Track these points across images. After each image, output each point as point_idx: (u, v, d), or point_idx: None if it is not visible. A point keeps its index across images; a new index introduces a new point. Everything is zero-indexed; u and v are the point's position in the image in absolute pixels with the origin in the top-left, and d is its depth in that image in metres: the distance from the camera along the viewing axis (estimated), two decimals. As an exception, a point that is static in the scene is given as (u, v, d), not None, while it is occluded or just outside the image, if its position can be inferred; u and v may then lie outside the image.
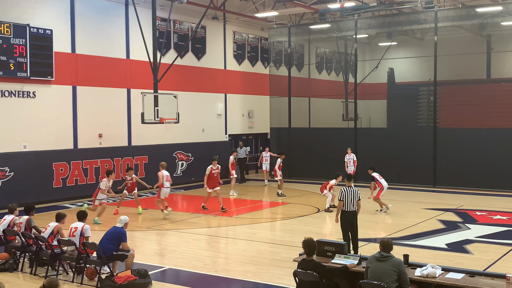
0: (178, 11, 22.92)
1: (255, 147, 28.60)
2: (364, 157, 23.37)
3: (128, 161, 21.35)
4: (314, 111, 30.02)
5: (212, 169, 17.33)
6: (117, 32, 21.24)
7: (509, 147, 21.18)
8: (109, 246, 9.90)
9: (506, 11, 22.76)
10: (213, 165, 17.39)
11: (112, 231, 10.11)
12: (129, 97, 21.62)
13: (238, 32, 27.25)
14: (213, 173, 17.32)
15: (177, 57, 22.05)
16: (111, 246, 9.92)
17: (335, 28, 26.93)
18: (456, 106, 25.53)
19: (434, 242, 13.05)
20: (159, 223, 15.62)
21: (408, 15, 25.41)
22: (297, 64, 29.76)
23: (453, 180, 21.99)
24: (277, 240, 13.52)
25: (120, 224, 10.17)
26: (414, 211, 17.29)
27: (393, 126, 27.74)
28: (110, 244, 9.93)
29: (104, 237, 10.07)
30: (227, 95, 26.56)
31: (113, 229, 10.16)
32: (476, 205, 18.19)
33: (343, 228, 11.32)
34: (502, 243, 12.92)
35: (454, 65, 27.48)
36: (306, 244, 7.96)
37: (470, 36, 29.43)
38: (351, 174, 12.08)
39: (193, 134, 24.39)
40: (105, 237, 10.05)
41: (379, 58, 29.14)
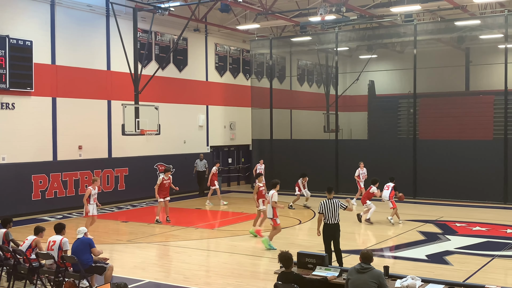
0: (160, 22, 22.91)
1: (237, 158, 28.57)
2: (345, 169, 23.49)
3: (108, 173, 21.18)
4: (295, 123, 30.13)
5: (163, 179, 17.47)
6: (97, 43, 21.14)
7: (488, 158, 21.44)
8: (85, 257, 9.79)
9: (484, 24, 23.15)
10: (165, 176, 17.54)
11: (78, 243, 9.97)
12: (110, 108, 21.49)
13: (219, 44, 27.30)
14: (164, 183, 17.47)
15: (159, 69, 22.02)
16: (87, 256, 9.83)
17: (316, 40, 27.13)
18: (435, 118, 25.84)
19: (414, 254, 13.12)
20: (139, 236, 15.48)
21: (388, 28, 25.72)
22: (279, 76, 29.89)
23: (433, 192, 22.18)
24: (258, 252, 13.47)
25: (80, 235, 10.06)
26: (394, 223, 17.36)
27: (374, 138, 27.96)
28: (84, 254, 9.81)
29: (74, 252, 9.86)
30: (208, 107, 26.55)
31: (78, 242, 10.01)
32: (456, 216, 18.35)
33: (325, 241, 11.21)
34: (482, 254, 13.03)
35: (434, 78, 27.87)
36: (282, 257, 7.93)
37: (449, 49, 29.86)
38: (331, 187, 11.89)
39: (174, 146, 24.30)
40: (75, 251, 9.87)
41: (359, 70, 29.40)
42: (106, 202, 20.93)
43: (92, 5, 20.76)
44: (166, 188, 17.55)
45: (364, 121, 31.25)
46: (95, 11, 20.93)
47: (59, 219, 17.47)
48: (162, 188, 17.40)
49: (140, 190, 22.08)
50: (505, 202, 20.86)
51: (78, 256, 9.75)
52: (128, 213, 19.78)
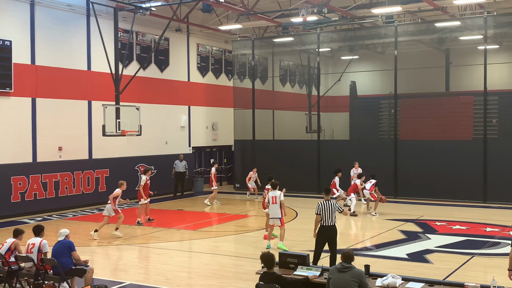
0: (141, 22, 22.79)
1: (219, 159, 28.52)
2: (327, 169, 23.55)
3: (88, 174, 21.00)
4: (278, 123, 30.17)
5: (147, 180, 17.49)
6: (78, 43, 20.95)
7: (467, 158, 21.68)
8: (65, 260, 9.70)
9: (464, 26, 23.41)
10: (147, 176, 17.59)
11: (58, 246, 9.88)
12: (90, 109, 21.30)
13: (201, 45, 27.24)
14: (148, 184, 17.53)
15: (140, 69, 21.87)
16: (67, 259, 9.74)
17: (298, 41, 27.21)
18: (416, 118, 26.07)
19: (395, 252, 13.21)
20: (119, 238, 15.35)
21: (369, 30, 25.90)
22: (261, 76, 29.90)
23: (413, 191, 22.36)
24: (240, 253, 13.46)
25: (61, 237, 9.99)
26: (375, 221, 17.50)
27: (356, 138, 28.10)
28: (64, 257, 9.72)
29: (54, 255, 9.75)
30: (190, 107, 26.46)
31: (58, 244, 9.93)
32: (436, 215, 18.52)
33: (319, 242, 11.00)
34: (461, 252, 13.17)
35: (414, 79, 28.10)
36: (264, 257, 7.93)
37: (429, 50, 30.14)
38: (329, 188, 11.75)
39: (156, 147, 24.16)
40: (56, 254, 9.76)
41: (341, 71, 29.54)
42: (86, 204, 20.78)
43: (73, 5, 20.57)
44: (148, 188, 17.54)
45: (346, 122, 31.42)
46: (75, 10, 20.74)
47: (39, 222, 17.27)
48: (146, 188, 17.41)
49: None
50: (485, 201, 21.11)
51: (58, 259, 9.64)
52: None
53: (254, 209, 20.51)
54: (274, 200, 13.58)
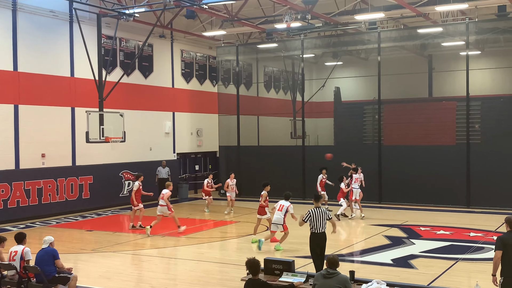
0: (124, 28, 22.70)
1: (204, 165, 28.44)
2: (312, 175, 23.61)
3: (72, 181, 20.82)
4: (262, 129, 30.20)
5: (140, 185, 17.72)
6: (61, 49, 20.80)
7: (451, 163, 21.85)
8: (48, 268, 9.61)
9: (446, 32, 23.66)
10: (140, 181, 17.85)
11: (42, 254, 9.78)
12: (74, 115, 21.14)
13: (186, 51, 27.20)
14: (140, 189, 17.78)
15: (123, 75, 21.78)
16: (50, 267, 9.65)
17: (282, 47, 27.28)
18: (399, 124, 26.23)
19: (380, 258, 13.25)
20: (104, 244, 15.24)
21: (352, 36, 26.05)
22: (246, 82, 29.92)
23: (397, 196, 22.47)
24: (225, 260, 13.42)
25: (45, 245, 9.89)
26: (360, 227, 17.56)
27: (340, 144, 28.20)
28: (48, 265, 9.63)
29: (38, 263, 9.65)
30: (175, 114, 26.38)
31: (42, 252, 9.83)
32: (420, 220, 18.63)
33: (313, 250, 10.89)
34: (446, 257, 13.24)
35: (398, 84, 28.30)
36: (249, 264, 7.90)
37: (412, 56, 30.40)
38: (319, 195, 11.62)
39: (140, 153, 24.03)
40: (39, 261, 9.66)
41: (325, 77, 29.64)
42: (70, 211, 20.59)
43: (55, 11, 20.43)
44: (140, 194, 17.77)
45: (330, 127, 31.51)
46: (58, 17, 20.60)
47: (22, 229, 17.05)
48: (138, 194, 17.61)
49: (105, 198, 21.76)
50: (468, 206, 21.29)
51: (42, 267, 9.54)
52: (93, 221, 19.46)
53: (240, 214, 20.44)
54: (281, 208, 14.18)
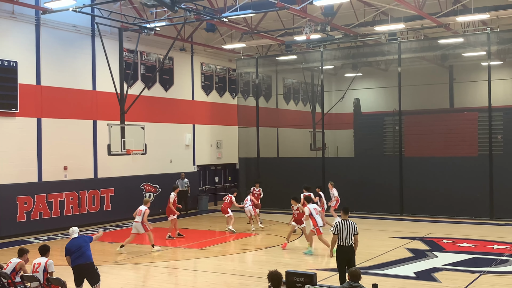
0: (145, 42, 22.94)
1: (224, 177, 28.48)
2: (332, 187, 23.51)
3: (94, 193, 21.00)
4: (282, 141, 30.19)
5: (175, 197, 18.07)
6: (83, 63, 21.09)
7: (472, 174, 21.58)
8: (90, 253, 10.24)
9: (467, 42, 23.49)
10: (175, 193, 18.25)
11: (80, 241, 10.30)
12: (95, 128, 21.38)
13: (205, 63, 27.38)
14: (175, 200, 18.16)
15: (144, 88, 21.99)
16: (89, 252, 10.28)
17: (302, 59, 27.33)
18: (420, 135, 26.02)
19: (403, 271, 13.10)
20: (125, 256, 15.30)
21: (372, 47, 26.00)
22: (265, 94, 29.99)
23: (419, 208, 22.23)
24: (246, 272, 13.38)
25: (75, 234, 10.42)
26: (382, 239, 17.38)
27: (360, 155, 28.05)
28: (89, 250, 10.23)
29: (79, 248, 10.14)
30: (195, 126, 26.52)
31: (79, 239, 10.37)
32: (443, 233, 18.39)
33: (340, 264, 10.70)
34: (469, 270, 13.04)
35: (418, 95, 28.13)
36: (271, 276, 7.85)
37: (433, 67, 30.21)
38: (347, 207, 11.41)
39: (160, 165, 24.17)
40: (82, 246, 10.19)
41: (345, 88, 29.61)
42: (92, 223, 20.75)
43: (78, 26, 20.74)
44: (175, 205, 18.16)
45: (350, 139, 31.39)
46: (80, 31, 20.91)
47: (44, 241, 17.23)
48: (174, 204, 17.97)
49: (126, 210, 21.84)
50: (491, 218, 20.97)
51: (86, 251, 10.15)
52: (114, 233, 19.57)
53: (259, 227, 20.38)
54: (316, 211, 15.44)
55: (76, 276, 10.09)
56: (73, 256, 10.08)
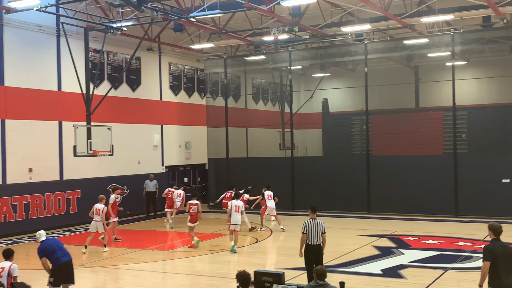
0: (112, 42, 22.68)
1: (193, 178, 28.36)
2: (301, 185, 23.68)
3: (59, 196, 20.67)
4: (251, 141, 30.22)
5: (116, 198, 17.81)
6: (48, 63, 20.73)
7: (438, 173, 21.97)
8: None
9: (432, 43, 23.91)
10: (116, 194, 18.00)
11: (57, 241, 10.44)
12: (61, 129, 21.02)
13: (173, 63, 27.22)
14: (116, 202, 17.85)
15: (111, 89, 21.74)
16: None
17: (270, 59, 27.41)
18: (387, 134, 26.37)
19: (370, 269, 13.26)
20: (92, 259, 15.11)
21: (339, 47, 26.25)
22: (234, 94, 29.98)
23: (386, 206, 22.53)
24: (215, 273, 13.36)
25: (43, 237, 10.35)
26: (349, 238, 17.55)
27: (329, 155, 28.31)
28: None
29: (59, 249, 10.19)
30: (163, 126, 26.33)
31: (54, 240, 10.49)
32: (409, 230, 18.68)
33: (308, 263, 10.73)
34: (435, 267, 13.29)
35: (385, 95, 28.50)
36: (240, 276, 7.87)
37: (399, 67, 30.65)
38: (315, 206, 11.42)
39: (128, 167, 23.91)
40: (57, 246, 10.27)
41: (313, 88, 29.80)
42: (58, 226, 20.41)
43: (42, 25, 20.38)
44: (116, 207, 17.69)
45: (319, 138, 31.63)
46: (45, 31, 20.55)
47: (9, 245, 16.88)
48: (114, 207, 17.53)
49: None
50: (456, 215, 21.38)
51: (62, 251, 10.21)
52: (81, 236, 19.27)
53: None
54: (237, 209, 15.77)
55: (62, 274, 10.13)
56: (58, 254, 10.12)
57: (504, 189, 20.73)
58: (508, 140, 24.53)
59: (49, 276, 10.20)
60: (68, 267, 10.18)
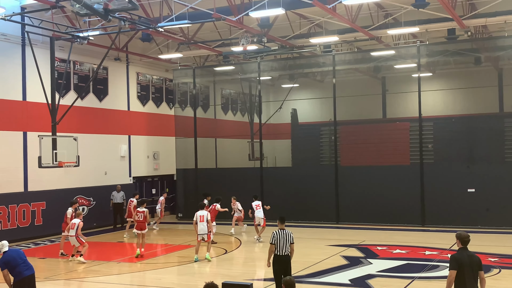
0: (78, 51, 22.39)
1: (161, 189, 28.07)
2: (270, 196, 23.66)
3: (24, 207, 20.20)
4: (220, 151, 30.12)
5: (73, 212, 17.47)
6: (12, 73, 20.31)
7: (405, 183, 22.23)
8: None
9: (398, 55, 24.28)
10: (73, 208, 17.64)
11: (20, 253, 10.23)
12: (25, 140, 20.58)
13: (141, 73, 27.01)
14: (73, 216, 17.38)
15: (77, 99, 21.43)
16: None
17: (239, 70, 27.43)
18: (355, 145, 26.58)
19: (338, 279, 13.29)
20: (57, 272, 14.78)
21: (308, 59, 26.45)
22: (203, 105, 29.88)
23: (354, 216, 22.67)
24: (183, 285, 13.20)
25: (6, 248, 10.14)
26: (318, 248, 17.59)
27: (298, 165, 28.35)
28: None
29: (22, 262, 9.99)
30: (131, 137, 26.03)
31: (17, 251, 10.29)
32: (377, 240, 18.82)
33: (276, 274, 10.66)
34: (402, 276, 13.39)
35: (353, 106, 28.72)
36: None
37: (366, 78, 31.03)
38: (283, 216, 11.31)
39: (94, 178, 23.54)
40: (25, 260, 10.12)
41: (282, 99, 29.93)
42: (22, 238, 19.93)
43: (7, 34, 19.98)
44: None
45: (288, 149, 31.68)
46: (9, 40, 20.16)
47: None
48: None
49: (58, 224, 21.06)
50: (423, 224, 21.65)
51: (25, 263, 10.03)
52: (46, 248, 18.89)
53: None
54: (202, 218, 15.92)
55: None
56: (20, 268, 9.92)
57: (469, 199, 21.11)
58: (472, 150, 24.99)
59: None
60: (30, 281, 9.93)
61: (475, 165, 22.21)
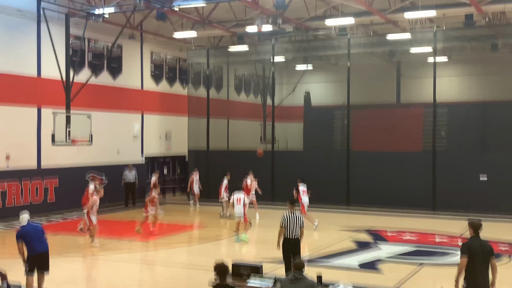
0: (93, 29, 22.36)
1: (173, 169, 28.18)
2: (281, 180, 23.65)
3: (37, 184, 20.38)
4: (232, 132, 30.12)
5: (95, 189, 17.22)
6: (27, 49, 20.33)
7: (417, 169, 22.14)
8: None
9: (414, 39, 24.03)
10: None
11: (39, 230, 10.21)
12: (40, 116, 20.67)
13: (155, 52, 26.97)
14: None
15: (92, 76, 21.48)
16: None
17: (253, 51, 27.30)
18: (367, 129, 26.47)
19: (347, 262, 13.33)
20: (69, 249, 14.95)
21: (323, 41, 26.26)
22: (216, 85, 29.85)
23: (365, 201, 22.64)
24: (193, 265, 13.31)
25: (24, 222, 10.14)
26: (328, 231, 17.62)
27: (309, 149, 28.31)
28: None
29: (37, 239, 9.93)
30: (144, 115, 26.08)
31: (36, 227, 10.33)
32: (387, 225, 18.81)
33: (286, 257, 10.69)
34: (411, 262, 13.39)
35: (366, 90, 28.60)
36: (218, 268, 7.83)
37: (381, 62, 30.76)
38: (293, 199, 11.21)
39: (107, 156, 23.63)
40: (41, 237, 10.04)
41: (295, 81, 29.83)
42: (36, 214, 20.11)
43: (23, 10, 20.00)
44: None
45: (300, 132, 31.61)
46: (25, 16, 20.17)
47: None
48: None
49: (70, 201, 21.32)
50: (434, 210, 21.59)
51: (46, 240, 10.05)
52: (58, 225, 19.08)
53: (209, 219, 20.30)
54: (239, 201, 16.03)
55: (35, 263, 9.96)
56: (34, 244, 9.91)
57: (481, 186, 20.99)
58: (486, 137, 24.81)
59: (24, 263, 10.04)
60: (41, 258, 9.96)
61: (488, 152, 22.06)
